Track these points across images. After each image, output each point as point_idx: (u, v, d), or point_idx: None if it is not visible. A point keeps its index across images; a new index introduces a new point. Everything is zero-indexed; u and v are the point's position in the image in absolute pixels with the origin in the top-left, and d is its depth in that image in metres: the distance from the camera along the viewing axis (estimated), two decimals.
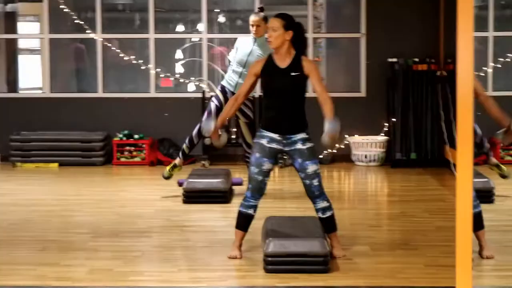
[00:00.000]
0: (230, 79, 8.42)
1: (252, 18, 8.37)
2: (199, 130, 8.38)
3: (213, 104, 8.39)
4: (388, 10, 11.31)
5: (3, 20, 11.85)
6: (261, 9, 8.52)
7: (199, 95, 11.31)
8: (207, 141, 11.05)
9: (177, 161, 8.58)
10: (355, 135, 11.24)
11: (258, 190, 5.85)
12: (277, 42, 5.79)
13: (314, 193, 5.83)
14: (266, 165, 5.80)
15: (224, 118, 6.16)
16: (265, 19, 8.36)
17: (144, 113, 11.44)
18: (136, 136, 11.15)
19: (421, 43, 11.23)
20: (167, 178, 8.60)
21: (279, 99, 5.80)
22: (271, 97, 5.86)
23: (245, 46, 8.37)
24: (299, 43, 5.89)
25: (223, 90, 8.44)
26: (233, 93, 8.42)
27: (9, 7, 12.87)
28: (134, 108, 11.48)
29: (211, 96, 8.68)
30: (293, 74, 5.78)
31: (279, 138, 5.80)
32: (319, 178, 5.86)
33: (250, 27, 8.37)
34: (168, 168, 8.61)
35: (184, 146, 8.54)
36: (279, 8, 13.58)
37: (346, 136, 11.19)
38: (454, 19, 3.72)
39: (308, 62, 5.85)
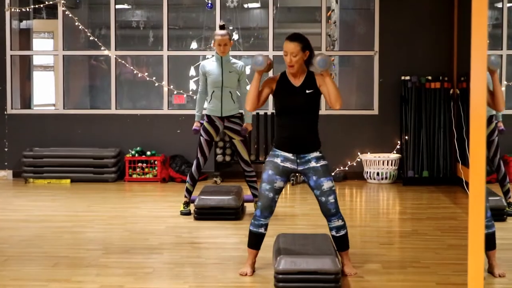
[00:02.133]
0: (213, 105, 8.35)
1: (220, 38, 8.22)
2: (198, 165, 8.37)
3: (202, 139, 8.34)
4: (401, 28, 11.31)
5: (18, 36, 11.91)
6: (223, 26, 8.38)
7: None
8: (219, 158, 11.10)
9: (186, 199, 8.55)
10: (368, 153, 11.23)
11: (267, 208, 5.77)
12: (297, 66, 5.74)
13: (331, 211, 5.76)
14: (278, 183, 5.74)
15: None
16: (229, 36, 8.36)
17: (156, 130, 11.47)
18: (148, 153, 11.17)
19: (434, 61, 11.22)
20: (186, 214, 8.55)
21: (294, 118, 5.72)
22: (285, 116, 5.76)
23: (214, 69, 8.30)
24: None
25: (209, 120, 8.37)
26: (220, 118, 8.38)
27: (24, 24, 12.96)
28: (147, 125, 11.51)
29: (196, 130, 8.45)
30: (308, 91, 5.73)
31: (293, 157, 5.73)
32: (335, 195, 5.81)
33: (217, 46, 8.24)
34: (182, 207, 8.58)
35: (187, 184, 8.48)
36: (293, 26, 13.68)
37: (359, 153, 11.19)
38: (468, 37, 3.72)
39: (319, 76, 5.79)
